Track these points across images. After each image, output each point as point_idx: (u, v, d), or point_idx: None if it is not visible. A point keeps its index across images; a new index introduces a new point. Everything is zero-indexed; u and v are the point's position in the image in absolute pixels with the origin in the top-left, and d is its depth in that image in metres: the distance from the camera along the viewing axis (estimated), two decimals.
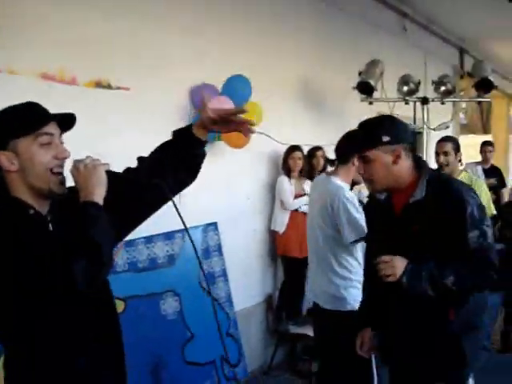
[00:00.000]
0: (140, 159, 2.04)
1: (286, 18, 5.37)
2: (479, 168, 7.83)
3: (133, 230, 2.07)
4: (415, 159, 2.49)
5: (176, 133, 2.08)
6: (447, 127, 6.26)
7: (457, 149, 4.64)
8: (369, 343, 2.75)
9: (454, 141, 4.69)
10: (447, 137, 4.81)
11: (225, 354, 4.24)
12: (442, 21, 8.21)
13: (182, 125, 4.14)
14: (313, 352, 4.98)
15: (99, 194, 1.74)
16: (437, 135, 6.67)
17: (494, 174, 8.12)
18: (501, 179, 8.29)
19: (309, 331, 4.92)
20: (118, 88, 3.74)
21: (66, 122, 1.83)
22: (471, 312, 2.42)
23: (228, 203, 4.72)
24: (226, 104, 4.21)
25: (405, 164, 2.41)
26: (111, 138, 3.60)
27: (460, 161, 4.77)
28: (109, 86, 3.70)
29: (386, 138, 2.37)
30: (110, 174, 1.81)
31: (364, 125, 2.50)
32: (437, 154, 4.62)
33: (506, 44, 9.92)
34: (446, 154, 4.57)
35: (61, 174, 1.77)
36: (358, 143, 2.50)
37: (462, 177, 4.63)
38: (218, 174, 4.58)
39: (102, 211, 1.72)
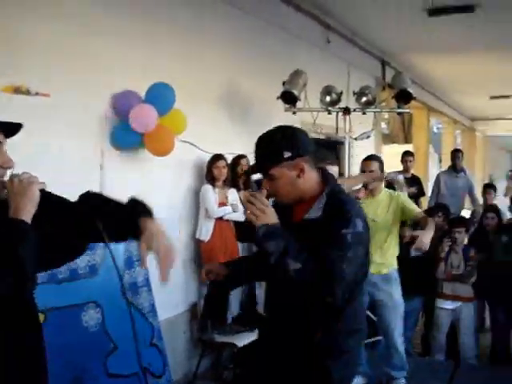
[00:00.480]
0: (84, 196, 2.08)
1: (212, 28, 5.38)
2: (401, 177, 8.07)
3: (61, 259, 2.08)
4: (321, 170, 2.45)
5: (127, 208, 2.07)
6: (368, 137, 6.42)
7: (381, 168, 4.77)
8: (216, 273, 2.72)
9: (379, 160, 4.82)
10: (373, 156, 4.93)
11: (148, 365, 4.20)
12: (364, 33, 8.42)
13: (103, 133, 4.09)
14: (236, 360, 4.99)
15: (29, 212, 1.74)
16: (359, 144, 6.86)
17: (414, 182, 8.40)
18: (420, 188, 8.58)
19: (234, 340, 4.93)
20: (37, 94, 3.64)
21: (10, 130, 1.86)
22: (338, 336, 2.36)
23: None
24: (150, 111, 4.18)
25: (309, 176, 2.36)
26: (31, 145, 3.50)
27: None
28: (28, 92, 3.60)
29: (287, 154, 2.30)
30: (45, 194, 1.80)
31: (263, 140, 2.40)
32: (363, 172, 4.72)
33: (426, 56, 10.26)
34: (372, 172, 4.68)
35: (2, 182, 1.79)
36: (259, 161, 2.40)
37: (383, 194, 4.78)
38: (141, 182, 4.53)
39: (30, 228, 1.72)
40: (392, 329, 4.78)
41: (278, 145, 2.33)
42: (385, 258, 4.76)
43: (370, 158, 4.81)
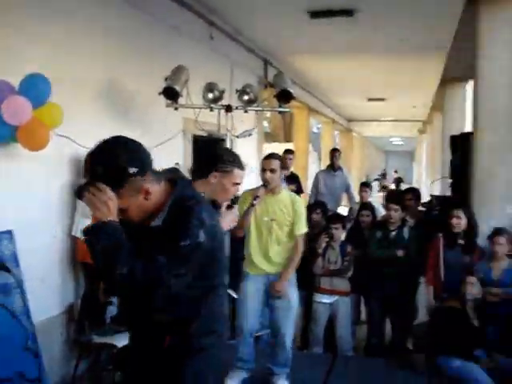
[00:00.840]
0: None
1: (92, 20, 5.20)
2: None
3: None
4: (170, 177, 2.34)
5: None
6: (250, 135, 6.47)
7: (282, 166, 4.81)
8: None
9: (279, 158, 4.83)
10: (273, 154, 4.90)
11: (22, 370, 4.01)
12: (248, 32, 8.50)
13: None
14: (116, 361, 4.87)
15: None
16: (241, 142, 6.91)
17: (293, 180, 8.61)
18: (299, 185, 8.81)
19: (113, 340, 4.81)
20: None
21: None
22: (190, 338, 2.31)
23: (26, 209, 4.45)
24: (23, 103, 3.98)
25: (154, 190, 2.22)
26: None
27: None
28: None
29: (132, 170, 2.12)
30: None
31: (97, 154, 2.19)
32: (263, 170, 4.71)
33: (308, 58, 10.53)
34: (272, 171, 4.66)
35: None
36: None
37: (284, 194, 4.84)
38: (13, 179, 4.32)
39: None
40: (284, 329, 4.82)
41: (119, 157, 2.14)
42: (281, 258, 4.80)
43: (271, 157, 4.80)
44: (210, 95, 5.83)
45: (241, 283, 4.90)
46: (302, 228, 4.82)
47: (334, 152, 9.63)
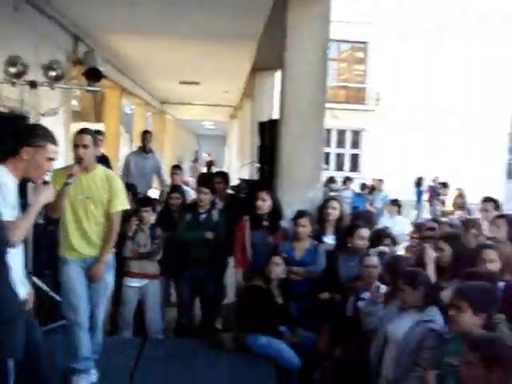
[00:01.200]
0: None
1: None
2: None
3: None
4: None
5: None
6: (56, 113, 6.17)
7: (94, 142, 4.58)
8: None
9: (91, 133, 4.60)
10: (86, 129, 4.66)
11: None
12: (58, 5, 8.07)
13: None
14: None
15: None
16: (46, 120, 6.59)
17: (102, 162, 8.37)
18: (108, 167, 8.59)
19: None
20: None
21: None
22: None
23: None
24: None
25: None
26: None
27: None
28: None
29: None
30: None
31: None
32: (76, 146, 4.45)
33: (121, 37, 10.27)
34: (85, 146, 4.44)
35: None
36: None
37: (99, 170, 4.63)
38: None
39: None
40: (97, 313, 4.66)
41: None
42: (101, 239, 4.58)
43: (83, 132, 4.55)
44: (13, 69, 5.46)
45: (60, 268, 4.61)
46: (119, 205, 4.61)
47: (146, 134, 9.54)
